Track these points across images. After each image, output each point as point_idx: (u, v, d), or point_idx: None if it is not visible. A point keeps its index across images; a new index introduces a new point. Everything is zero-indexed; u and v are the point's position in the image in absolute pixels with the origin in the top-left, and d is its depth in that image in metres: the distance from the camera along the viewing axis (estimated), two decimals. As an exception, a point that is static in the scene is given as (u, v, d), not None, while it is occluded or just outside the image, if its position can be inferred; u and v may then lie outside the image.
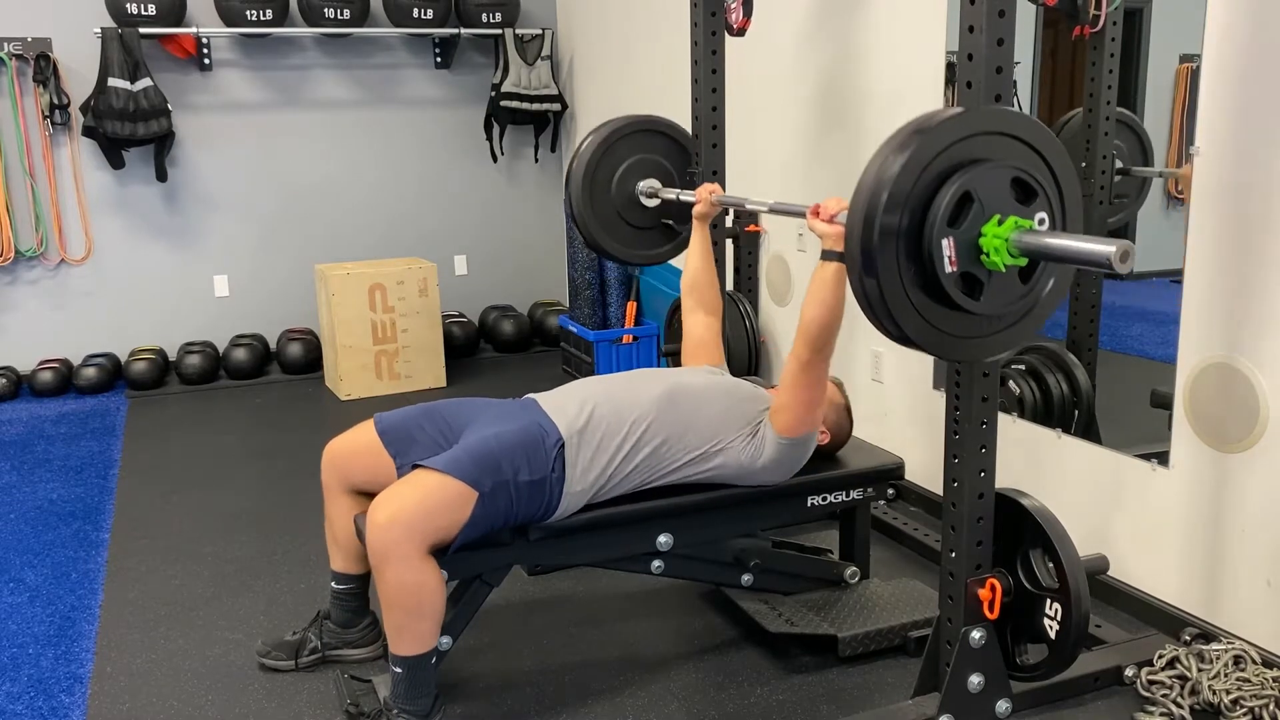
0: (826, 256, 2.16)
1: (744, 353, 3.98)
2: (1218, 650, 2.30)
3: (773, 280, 4.10)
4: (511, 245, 6.08)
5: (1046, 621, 2.05)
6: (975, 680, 2.09)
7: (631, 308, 4.83)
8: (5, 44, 4.93)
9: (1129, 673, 2.33)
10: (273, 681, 2.47)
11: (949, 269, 1.62)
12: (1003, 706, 2.13)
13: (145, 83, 4.99)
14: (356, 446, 2.39)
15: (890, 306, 1.64)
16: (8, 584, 3.04)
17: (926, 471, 3.28)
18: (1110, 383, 2.95)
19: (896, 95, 3.26)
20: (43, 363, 5.17)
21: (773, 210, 2.58)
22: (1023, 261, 1.65)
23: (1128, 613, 2.64)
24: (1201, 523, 2.46)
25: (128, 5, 4.96)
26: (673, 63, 4.33)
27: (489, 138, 5.81)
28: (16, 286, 5.21)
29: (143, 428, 4.57)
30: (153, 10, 5.00)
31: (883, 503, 3.23)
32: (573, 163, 3.10)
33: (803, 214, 2.24)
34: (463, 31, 5.60)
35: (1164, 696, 2.24)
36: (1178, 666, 2.30)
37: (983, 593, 2.06)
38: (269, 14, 5.16)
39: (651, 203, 3.12)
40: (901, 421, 3.45)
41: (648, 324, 4.81)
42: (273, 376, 5.37)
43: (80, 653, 2.63)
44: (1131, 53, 2.78)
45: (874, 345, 3.51)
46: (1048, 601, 2.04)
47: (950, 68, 3.04)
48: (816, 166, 3.70)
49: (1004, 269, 1.64)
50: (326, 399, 5.01)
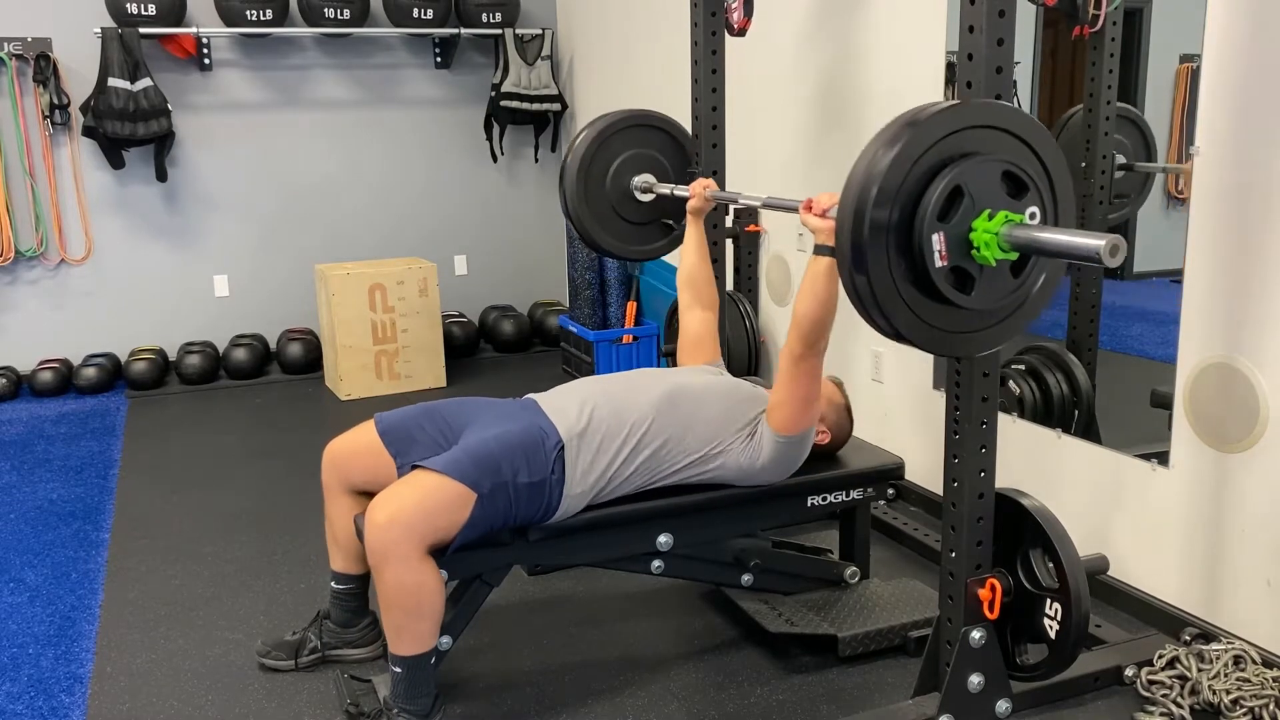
0: (819, 251, 2.16)
1: (744, 353, 3.98)
2: (1218, 650, 2.30)
3: (773, 280, 4.10)
4: (511, 245, 6.08)
5: (1046, 621, 2.05)
6: (975, 680, 2.09)
7: (631, 308, 4.83)
8: (5, 44, 4.93)
9: (1129, 673, 2.33)
10: (273, 681, 2.47)
11: (939, 263, 1.61)
12: (1003, 706, 2.13)
13: (145, 83, 4.99)
14: (357, 447, 2.40)
15: (881, 301, 1.63)
16: (8, 584, 3.04)
17: (926, 471, 3.28)
18: (1110, 383, 2.95)
19: (896, 95, 3.25)
20: (43, 363, 5.17)
21: (766, 205, 2.57)
22: (1014, 256, 1.64)
23: (1128, 613, 2.64)
24: (1201, 523, 2.46)
25: (128, 5, 4.96)
26: (673, 63, 4.33)
27: (489, 138, 5.80)
28: (16, 286, 5.21)
29: (143, 428, 4.57)
30: (153, 10, 5.00)
31: (883, 503, 3.23)
32: (567, 157, 3.09)
33: (796, 209, 2.24)
34: (463, 31, 5.60)
35: (1164, 696, 2.24)
36: (1178, 666, 2.30)
37: (983, 593, 2.06)
38: (269, 14, 5.16)
39: (646, 198, 3.12)
40: (901, 421, 3.45)
41: (648, 324, 4.81)
42: (273, 376, 5.37)
43: (80, 653, 2.63)
44: (1131, 53, 2.78)
45: (874, 345, 3.51)
46: (1048, 601, 2.04)
47: (950, 68, 3.04)
48: (816, 166, 3.70)
49: (995, 264, 1.62)
50: (326, 399, 5.01)
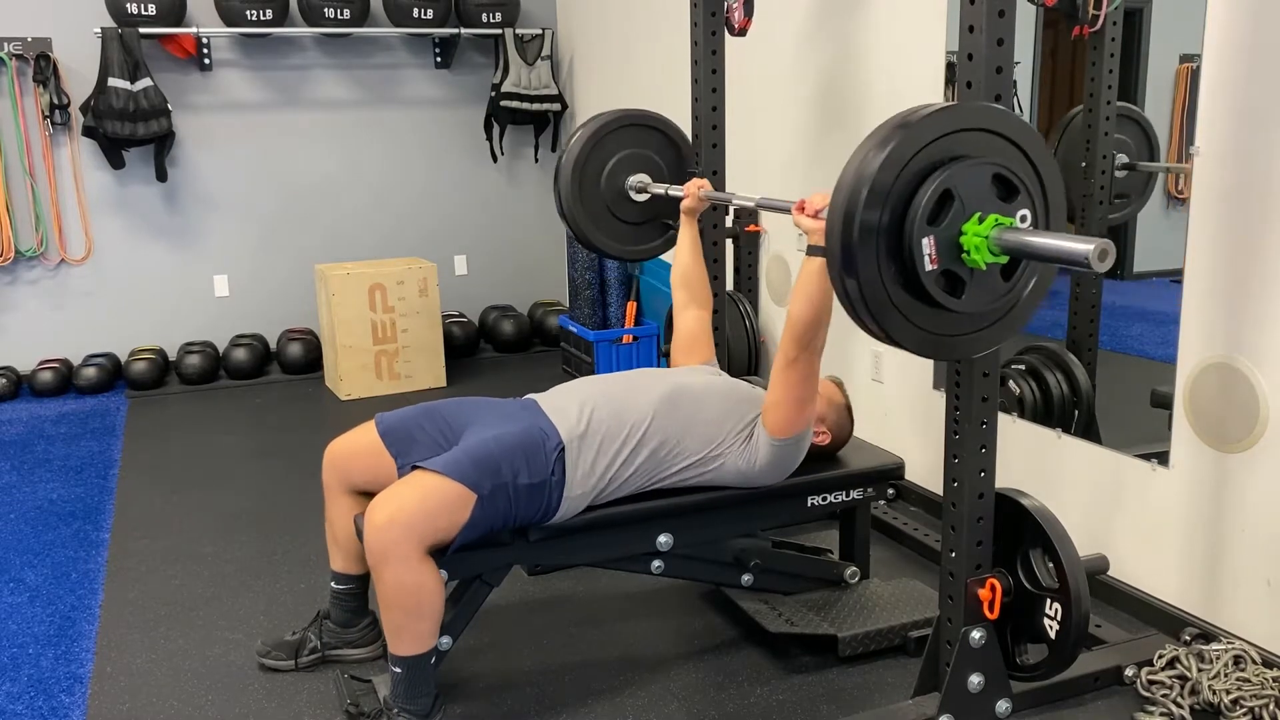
0: (812, 252, 2.15)
1: (744, 353, 3.98)
2: (1218, 650, 2.30)
3: (773, 280, 4.10)
4: (511, 245, 6.08)
5: (1046, 621, 2.05)
6: (975, 680, 2.09)
7: (631, 308, 4.83)
8: (5, 44, 4.93)
9: (1129, 673, 2.33)
10: (273, 681, 2.47)
11: (930, 267, 1.60)
12: (1003, 706, 2.13)
13: (145, 83, 4.99)
14: (357, 447, 2.40)
15: (871, 304, 1.63)
16: (8, 584, 3.04)
17: (926, 471, 3.28)
18: (1110, 383, 2.95)
19: (896, 95, 3.25)
20: (43, 363, 5.17)
21: (759, 206, 2.57)
22: (1004, 259, 1.63)
23: (1128, 613, 2.64)
24: (1201, 523, 2.46)
25: (128, 5, 4.96)
26: (673, 63, 4.33)
27: (489, 138, 5.80)
28: (16, 286, 5.21)
29: (143, 428, 4.57)
30: (153, 10, 5.00)
31: (883, 503, 3.23)
32: (562, 157, 3.09)
33: (789, 210, 2.23)
34: (463, 31, 5.60)
35: (1164, 696, 2.24)
36: (1178, 666, 2.30)
37: (983, 593, 2.06)
38: (269, 14, 5.16)
39: (641, 198, 3.11)
40: (901, 421, 3.45)
41: (648, 324, 4.80)
42: (273, 376, 5.37)
43: (80, 653, 2.63)
44: (1131, 53, 2.78)
45: (874, 345, 3.51)
46: (1048, 601, 2.04)
47: (950, 68, 3.04)
48: (816, 166, 3.70)
49: (985, 267, 1.62)
50: (326, 399, 5.01)
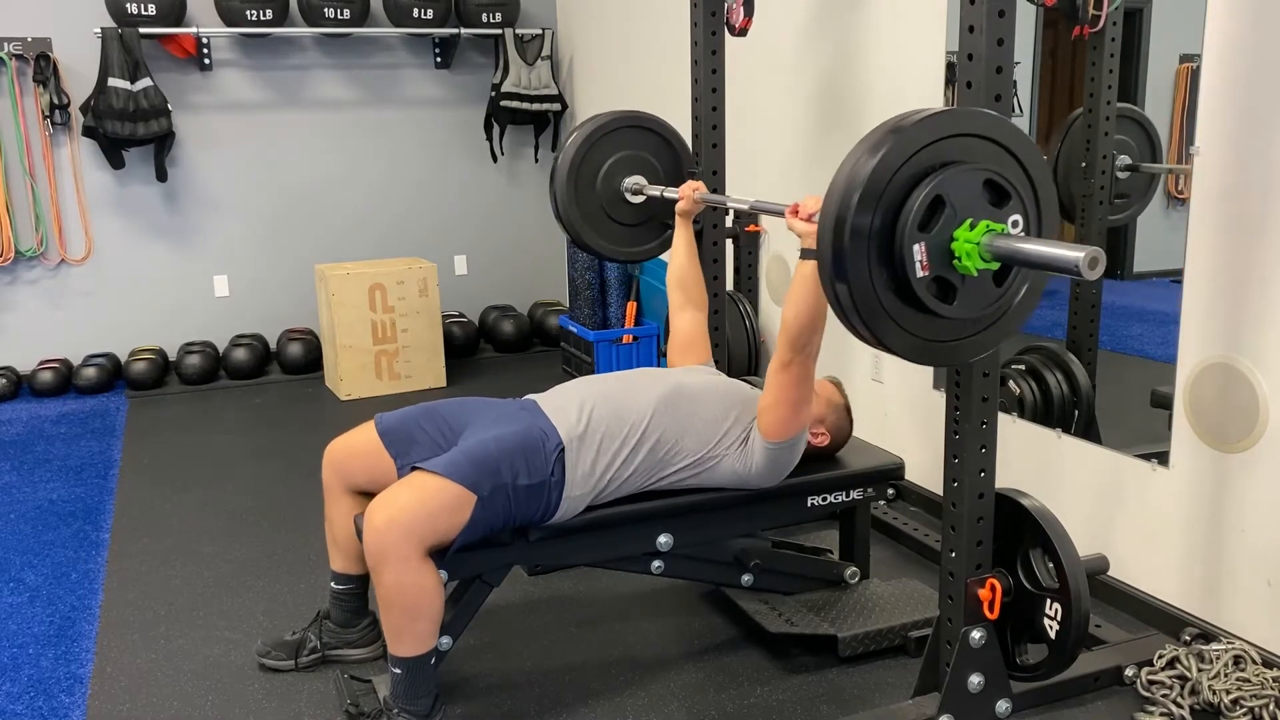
0: (805, 255, 2.15)
1: (744, 353, 3.98)
2: (1218, 650, 2.30)
3: (773, 280, 4.10)
4: (511, 245, 6.08)
5: (1046, 621, 2.05)
6: (975, 680, 2.09)
7: (631, 308, 4.83)
8: (5, 44, 4.93)
9: (1129, 673, 2.33)
10: (273, 681, 2.47)
11: (921, 273, 1.60)
12: (1003, 706, 2.13)
13: (145, 83, 4.99)
14: (357, 447, 2.40)
15: (861, 309, 1.62)
16: (8, 584, 3.04)
17: (926, 471, 3.28)
18: (1110, 383, 2.95)
19: (897, 95, 3.25)
20: (43, 363, 5.17)
21: (753, 209, 2.58)
22: (995, 266, 1.62)
23: (1128, 613, 2.64)
24: (1201, 523, 2.46)
25: (128, 5, 4.96)
26: (673, 63, 4.33)
27: (489, 138, 5.80)
28: (16, 286, 5.21)
29: (143, 428, 4.57)
30: (153, 10, 5.00)
31: (883, 503, 3.22)
32: (557, 159, 3.09)
33: (782, 213, 2.23)
34: (463, 31, 5.60)
35: (1164, 696, 2.24)
36: (1178, 666, 2.31)
37: (983, 593, 2.06)
38: (269, 14, 5.16)
39: (637, 199, 3.11)
40: (901, 421, 3.45)
41: (648, 324, 4.81)
42: (273, 376, 5.37)
43: (80, 653, 2.63)
44: (1131, 53, 2.78)
45: (874, 345, 3.51)
46: (1048, 601, 2.04)
47: (950, 68, 3.04)
48: (816, 166, 3.70)
49: (976, 273, 1.61)
50: (326, 399, 5.01)
